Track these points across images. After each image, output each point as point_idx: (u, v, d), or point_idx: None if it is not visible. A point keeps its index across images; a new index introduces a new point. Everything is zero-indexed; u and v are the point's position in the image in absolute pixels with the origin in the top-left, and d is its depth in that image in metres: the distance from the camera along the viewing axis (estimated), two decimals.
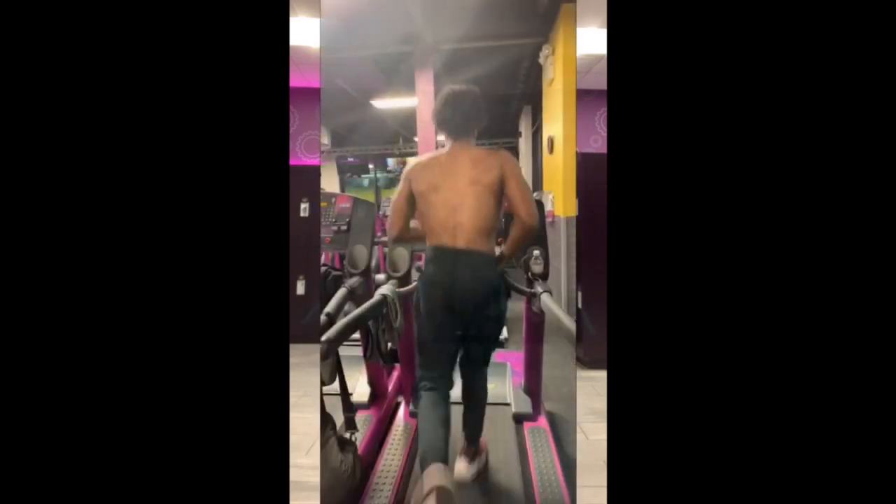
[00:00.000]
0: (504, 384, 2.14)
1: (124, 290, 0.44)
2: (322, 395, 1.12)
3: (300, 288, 3.18)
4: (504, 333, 2.89)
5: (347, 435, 1.33)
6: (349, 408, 1.35)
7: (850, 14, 0.42)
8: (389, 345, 1.57)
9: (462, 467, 1.38)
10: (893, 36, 0.41)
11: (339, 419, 1.30)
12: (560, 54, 3.12)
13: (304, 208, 3.29)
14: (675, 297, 0.45)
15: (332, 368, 1.33)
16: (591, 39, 2.95)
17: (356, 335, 1.67)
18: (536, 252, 1.58)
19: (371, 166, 9.98)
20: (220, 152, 0.47)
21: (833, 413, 0.42)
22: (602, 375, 2.44)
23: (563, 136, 3.15)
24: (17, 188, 0.41)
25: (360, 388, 1.96)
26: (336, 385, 1.31)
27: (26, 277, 0.41)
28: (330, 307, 1.36)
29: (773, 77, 0.42)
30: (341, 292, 1.48)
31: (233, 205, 0.47)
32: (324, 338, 1.04)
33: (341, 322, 1.14)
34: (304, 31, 2.77)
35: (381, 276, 1.65)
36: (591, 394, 2.44)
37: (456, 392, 1.38)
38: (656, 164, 0.46)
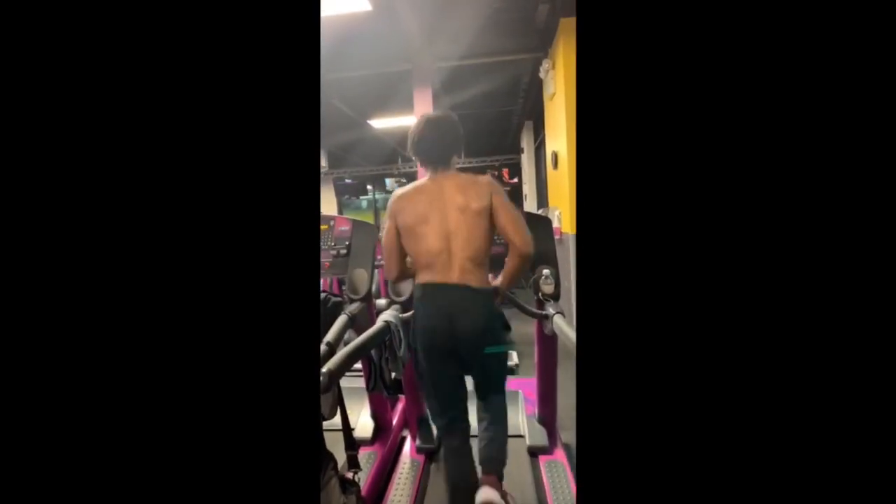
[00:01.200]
0: (516, 414, 2.08)
1: (159, 296, 0.47)
2: (321, 431, 1.09)
3: None
4: (514, 359, 2.85)
5: (350, 475, 1.28)
6: (351, 445, 1.30)
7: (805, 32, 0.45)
8: (393, 375, 1.54)
9: (489, 494, 1.26)
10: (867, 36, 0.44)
11: (340, 457, 1.25)
12: (561, 68, 3.17)
13: None
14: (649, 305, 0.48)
15: (333, 402, 1.29)
16: None
17: (358, 365, 1.65)
18: (547, 271, 1.56)
19: (369, 187, 10.09)
20: (243, 161, 0.50)
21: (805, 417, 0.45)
22: None
23: (567, 151, 3.18)
24: (50, 190, 0.45)
25: (362, 423, 1.92)
26: (337, 420, 1.27)
27: (67, 281, 0.45)
28: (330, 336, 1.33)
29: (748, 83, 0.46)
30: (342, 320, 1.46)
31: (263, 212, 0.50)
32: (324, 369, 1.01)
33: (342, 352, 1.11)
34: None
35: (382, 302, 1.63)
36: None
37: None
38: (627, 171, 0.48)
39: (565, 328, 1.31)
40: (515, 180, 7.33)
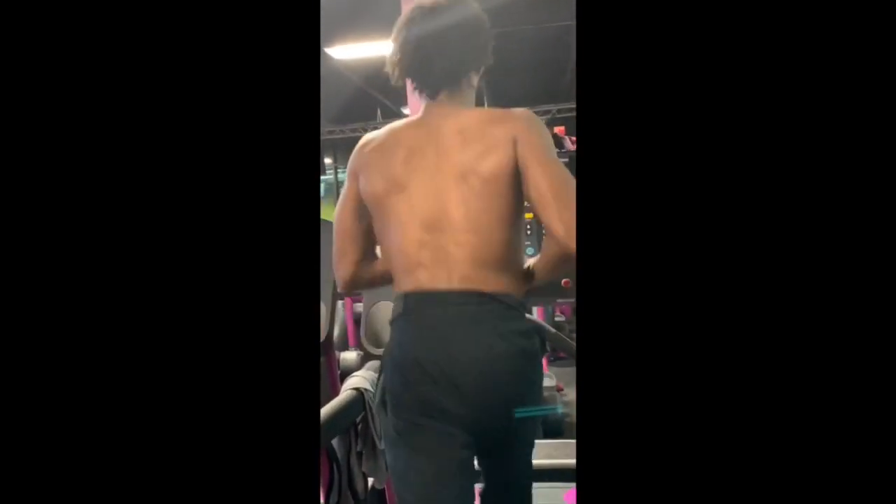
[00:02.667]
0: None
1: (157, 294, 0.69)
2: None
3: None
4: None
5: None
6: None
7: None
8: (370, 481, 1.56)
9: None
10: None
11: None
12: None
13: None
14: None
15: None
16: None
17: None
18: None
19: (328, 160, 10.07)
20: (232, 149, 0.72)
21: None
22: None
23: None
24: (39, 187, 0.68)
25: None
26: None
27: (65, 283, 0.68)
28: None
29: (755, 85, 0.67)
30: None
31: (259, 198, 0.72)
32: None
33: None
34: None
35: (350, 355, 1.65)
36: None
37: None
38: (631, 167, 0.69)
39: None
40: (575, 140, 7.30)
